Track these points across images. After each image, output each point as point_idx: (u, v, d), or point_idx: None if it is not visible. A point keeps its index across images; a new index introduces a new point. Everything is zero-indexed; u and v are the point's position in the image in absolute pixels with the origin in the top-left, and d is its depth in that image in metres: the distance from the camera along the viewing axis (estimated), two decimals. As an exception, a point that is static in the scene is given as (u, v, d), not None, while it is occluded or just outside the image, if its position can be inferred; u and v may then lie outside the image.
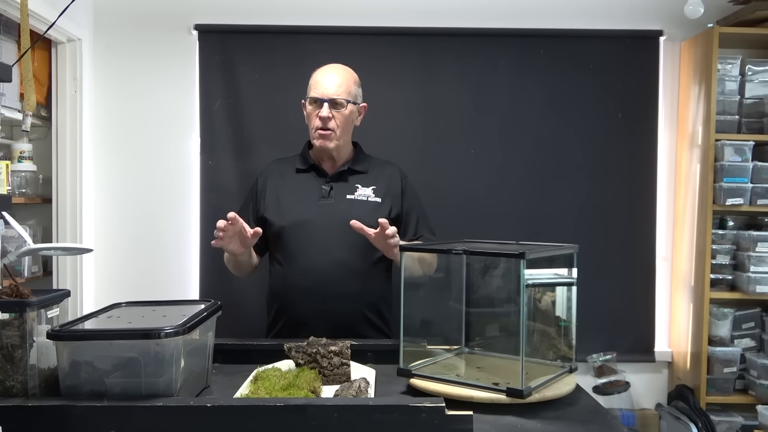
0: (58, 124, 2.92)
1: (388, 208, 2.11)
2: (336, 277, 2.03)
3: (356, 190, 2.11)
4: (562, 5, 3.10)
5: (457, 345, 1.75)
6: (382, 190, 2.13)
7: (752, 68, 3.01)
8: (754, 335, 3.02)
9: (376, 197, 2.11)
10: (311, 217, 2.07)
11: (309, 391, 1.42)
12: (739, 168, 2.90)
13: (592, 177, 3.09)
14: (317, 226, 2.05)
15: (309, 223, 2.06)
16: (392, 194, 2.14)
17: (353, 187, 2.12)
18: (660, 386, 3.20)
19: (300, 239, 2.06)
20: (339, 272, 2.03)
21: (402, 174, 2.22)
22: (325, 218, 2.06)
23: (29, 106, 2.04)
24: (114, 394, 1.27)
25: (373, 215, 2.01)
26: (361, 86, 2.17)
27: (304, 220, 2.07)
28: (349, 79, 2.12)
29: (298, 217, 2.07)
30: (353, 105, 2.12)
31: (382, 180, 2.15)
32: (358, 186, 2.12)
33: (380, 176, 2.16)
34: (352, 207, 2.07)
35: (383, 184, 2.14)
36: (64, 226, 2.92)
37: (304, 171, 2.16)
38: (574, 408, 1.43)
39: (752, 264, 2.90)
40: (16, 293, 1.35)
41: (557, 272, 1.67)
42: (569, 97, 3.08)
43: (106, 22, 3.05)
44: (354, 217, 1.96)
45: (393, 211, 2.12)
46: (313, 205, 2.08)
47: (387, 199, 2.12)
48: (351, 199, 2.09)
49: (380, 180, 2.15)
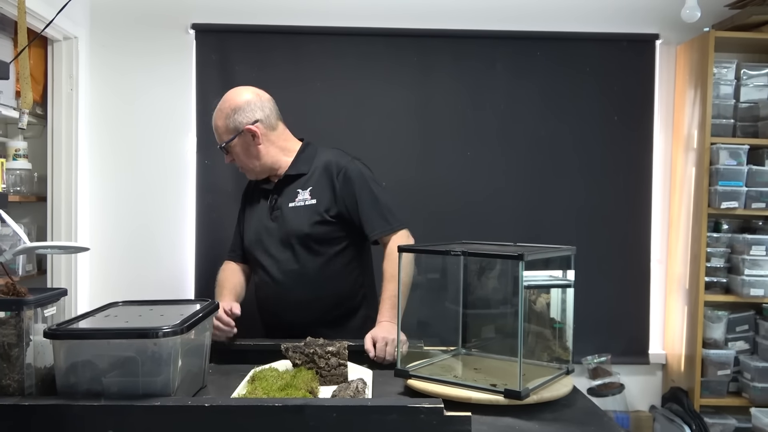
0: (53, 122, 2.91)
1: (323, 208, 2.02)
2: (287, 287, 2.05)
3: (297, 196, 2.06)
4: (559, 8, 3.11)
5: (453, 346, 1.75)
6: (318, 189, 2.05)
7: (747, 72, 3.03)
8: (747, 338, 3.04)
9: (312, 199, 2.04)
10: (261, 233, 2.10)
11: (306, 392, 1.42)
12: (734, 171, 2.91)
13: (588, 179, 3.10)
14: (266, 241, 2.08)
15: (260, 239, 2.10)
16: (329, 190, 2.04)
17: (294, 193, 2.06)
18: (654, 388, 3.21)
19: (257, 256, 2.10)
20: (289, 282, 2.04)
21: (339, 163, 2.06)
22: (270, 232, 2.08)
23: (26, 104, 2.03)
24: (111, 394, 1.26)
25: (310, 218, 2.02)
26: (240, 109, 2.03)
27: (256, 237, 2.11)
28: (221, 118, 2.05)
29: (252, 236, 2.12)
30: (236, 139, 2.04)
31: (318, 177, 2.06)
32: (299, 191, 2.06)
33: (316, 174, 2.07)
34: (291, 214, 2.04)
35: (318, 183, 2.06)
36: (59, 224, 2.91)
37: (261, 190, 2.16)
38: (571, 410, 1.43)
39: (746, 267, 2.91)
40: (13, 291, 1.34)
41: (553, 274, 1.67)
42: (566, 99, 3.09)
43: (103, 20, 3.04)
44: (292, 225, 2.03)
45: (332, 208, 2.02)
46: (265, 221, 2.10)
47: (322, 198, 2.03)
48: (292, 207, 2.05)
49: (316, 178, 2.06)
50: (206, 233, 3.00)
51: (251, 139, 2.04)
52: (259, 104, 2.07)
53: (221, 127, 2.06)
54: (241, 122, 2.04)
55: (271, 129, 2.08)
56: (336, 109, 3.04)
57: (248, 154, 2.06)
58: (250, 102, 2.06)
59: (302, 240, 2.02)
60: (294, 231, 2.02)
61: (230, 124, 2.04)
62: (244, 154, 2.06)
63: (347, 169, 2.05)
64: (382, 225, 2.02)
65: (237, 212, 2.28)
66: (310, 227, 2.01)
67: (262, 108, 2.07)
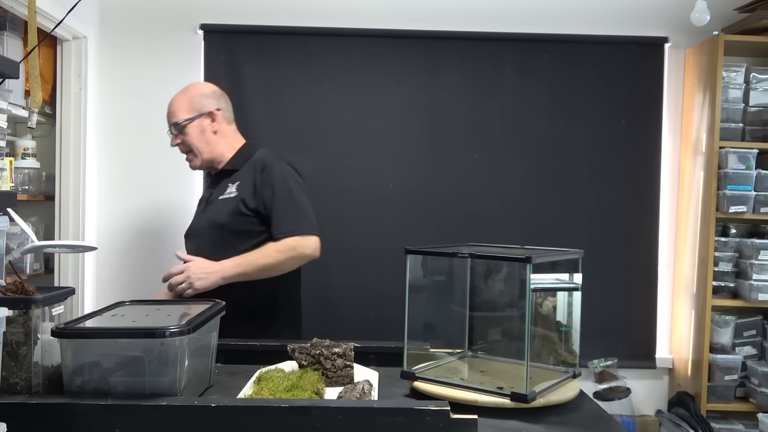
0: (62, 121, 2.92)
1: (240, 200, 2.08)
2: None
3: (226, 190, 2.13)
4: (568, 11, 3.10)
5: (460, 349, 1.75)
6: (243, 184, 2.11)
7: (757, 76, 3.01)
8: (755, 343, 3.02)
9: (236, 192, 2.11)
10: (193, 224, 2.21)
11: (312, 393, 1.41)
12: (743, 176, 2.90)
13: (595, 182, 3.09)
14: (193, 232, 2.18)
15: (192, 230, 2.20)
16: (250, 185, 2.10)
17: (225, 186, 2.15)
18: (660, 393, 3.20)
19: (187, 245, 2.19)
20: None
21: (265, 160, 2.13)
22: (199, 222, 2.18)
23: (35, 103, 2.04)
24: (118, 393, 1.26)
25: (229, 210, 2.08)
26: (205, 95, 2.18)
27: (190, 228, 2.21)
28: (186, 96, 2.17)
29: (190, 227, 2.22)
30: (195, 119, 2.14)
31: (245, 173, 2.13)
32: (229, 185, 2.14)
33: (244, 170, 2.14)
34: (217, 206, 2.13)
35: (244, 178, 2.12)
36: (66, 223, 2.92)
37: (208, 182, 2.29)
38: (577, 413, 1.43)
39: (754, 272, 2.90)
40: (21, 290, 1.34)
41: (560, 277, 1.67)
42: (573, 102, 3.08)
43: (112, 20, 3.06)
44: (213, 216, 2.12)
45: (250, 201, 2.07)
46: (199, 211, 2.22)
47: (244, 190, 2.09)
48: (222, 199, 2.13)
49: (243, 174, 2.14)
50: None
51: (209, 124, 2.16)
52: (223, 97, 2.23)
53: (183, 106, 2.15)
54: (204, 105, 2.17)
55: (227, 122, 2.22)
56: (343, 110, 3.04)
57: (201, 138, 2.16)
58: (215, 92, 2.22)
59: (218, 229, 2.09)
60: (213, 220, 2.12)
61: (194, 103, 2.17)
62: (198, 137, 2.16)
63: (270, 166, 2.10)
64: (291, 226, 2.04)
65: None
66: (227, 217, 2.08)
67: (225, 101, 2.23)
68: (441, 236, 2.87)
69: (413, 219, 3.02)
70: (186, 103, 2.15)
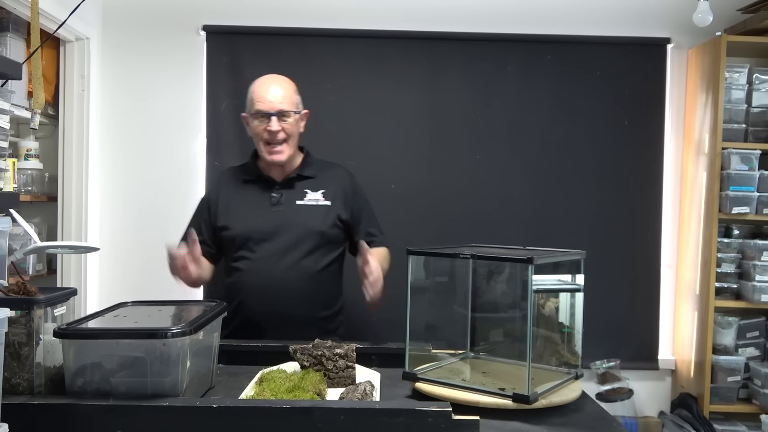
0: (65, 122, 2.93)
1: (338, 210, 2.14)
2: (289, 278, 2.07)
3: (305, 195, 2.15)
4: (570, 11, 3.10)
5: (462, 350, 1.74)
6: (331, 194, 2.16)
7: (760, 77, 3.00)
8: (758, 344, 3.01)
9: (326, 201, 2.15)
10: (263, 223, 2.11)
11: (314, 394, 1.41)
12: (746, 177, 2.89)
13: (598, 183, 3.09)
14: (269, 232, 2.10)
15: (261, 229, 2.11)
16: (341, 197, 2.17)
17: (302, 192, 2.15)
18: (663, 394, 3.19)
19: (252, 245, 2.10)
20: (291, 274, 2.07)
21: (350, 176, 2.25)
22: (277, 224, 2.11)
23: (38, 104, 2.04)
24: (120, 394, 1.26)
25: (325, 218, 2.12)
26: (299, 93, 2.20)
27: (256, 226, 2.11)
28: (290, 89, 2.16)
29: (250, 224, 2.12)
30: (297, 114, 2.15)
31: (331, 183, 2.18)
32: (307, 191, 2.15)
33: (328, 180, 2.19)
34: (303, 212, 2.12)
35: (332, 188, 2.17)
36: (69, 224, 2.92)
37: (251, 182, 2.20)
38: (579, 414, 1.42)
39: (758, 273, 2.89)
40: (24, 291, 1.35)
41: (562, 278, 1.67)
42: (576, 103, 3.08)
43: (115, 21, 3.06)
44: (306, 221, 2.10)
45: (343, 213, 2.15)
46: (264, 212, 2.13)
47: (336, 201, 2.15)
48: (301, 204, 2.13)
49: (328, 183, 2.18)
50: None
51: (303, 123, 2.19)
52: None
53: (292, 98, 2.14)
54: (301, 103, 2.19)
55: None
56: (345, 111, 3.04)
57: (298, 133, 2.18)
58: None
59: (317, 236, 2.10)
60: (309, 226, 2.09)
61: (298, 99, 2.16)
62: (297, 131, 2.16)
63: (356, 182, 2.25)
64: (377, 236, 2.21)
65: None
66: (328, 228, 2.11)
67: None
68: (443, 237, 2.86)
69: (415, 220, 3.01)
70: (295, 95, 2.15)
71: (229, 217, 2.16)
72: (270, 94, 2.10)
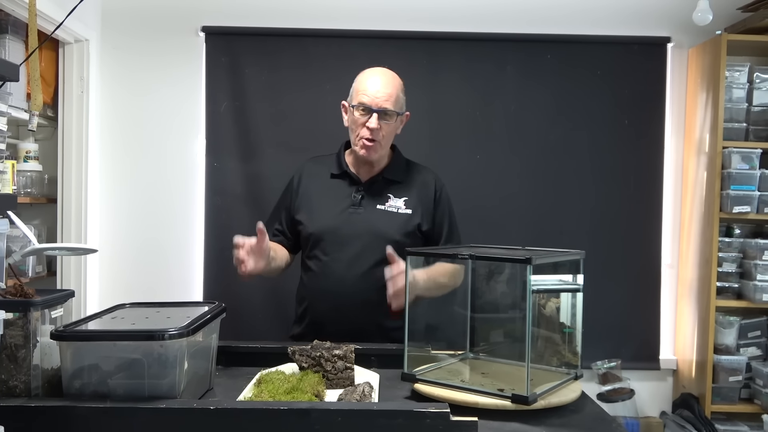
0: (64, 124, 2.93)
1: (418, 220, 2.05)
2: (358, 286, 2.00)
3: (388, 200, 2.06)
4: (570, 11, 3.10)
5: (462, 350, 1.74)
6: (414, 202, 2.07)
7: (760, 76, 3.00)
8: (760, 344, 3.01)
9: (407, 209, 2.05)
10: (339, 226, 2.03)
11: (313, 395, 1.41)
12: (747, 176, 2.89)
13: (598, 183, 3.08)
14: (344, 235, 2.02)
15: (336, 231, 2.03)
16: (424, 206, 2.07)
17: (385, 196, 2.06)
18: (665, 394, 3.19)
19: (326, 247, 2.03)
20: (361, 281, 2.00)
21: (438, 184, 2.13)
22: (353, 227, 2.02)
23: (36, 106, 2.04)
24: (117, 396, 1.26)
25: (403, 227, 2.02)
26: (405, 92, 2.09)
27: (332, 227, 2.03)
28: (398, 87, 2.04)
29: (326, 225, 2.04)
30: (400, 116, 2.06)
31: (415, 191, 2.09)
32: (390, 196, 2.06)
33: (414, 187, 2.09)
34: (382, 218, 2.03)
35: (416, 196, 2.08)
36: (68, 226, 2.92)
37: (337, 176, 2.11)
38: (579, 415, 1.42)
39: (759, 272, 2.89)
40: (21, 293, 1.34)
41: (563, 278, 1.66)
42: (576, 102, 3.08)
43: (114, 22, 3.06)
44: (382, 228, 2.00)
45: (424, 224, 2.06)
46: (342, 213, 2.04)
47: (418, 211, 2.06)
48: (381, 209, 2.04)
49: (413, 191, 2.08)
50: (214, 235, 3.01)
51: (400, 124, 2.08)
52: None
53: (398, 97, 2.03)
54: (404, 104, 2.08)
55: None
56: (345, 112, 3.03)
57: (393, 134, 2.08)
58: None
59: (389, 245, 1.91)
60: (384, 234, 1.99)
61: (403, 99, 2.06)
62: (392, 132, 2.07)
63: (444, 190, 2.13)
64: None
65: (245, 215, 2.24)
66: (402, 236, 2.00)
67: None
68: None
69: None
70: (400, 94, 2.04)
71: (307, 212, 2.08)
72: (376, 87, 2.00)
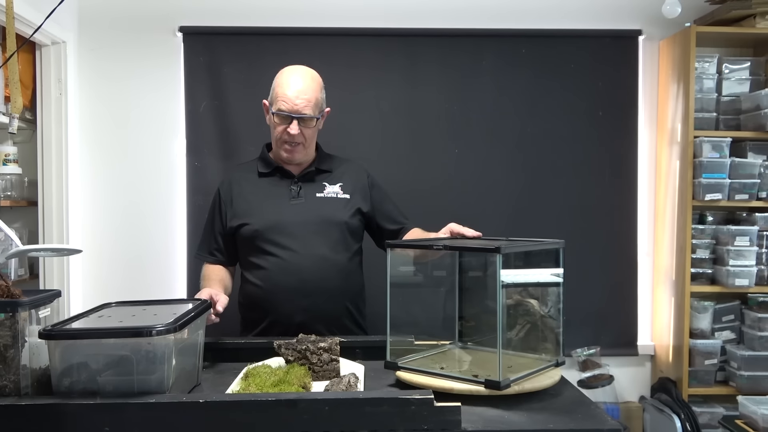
0: (43, 126, 2.91)
1: (358, 203, 2.16)
2: (318, 273, 2.05)
3: (324, 189, 2.15)
4: (544, 6, 3.14)
5: (450, 340, 1.78)
6: (350, 187, 2.17)
7: (729, 66, 3.07)
8: (734, 327, 3.08)
9: (345, 194, 2.15)
10: (285, 218, 2.08)
11: (299, 387, 1.44)
12: (717, 164, 2.96)
13: (575, 174, 3.14)
14: (293, 225, 2.07)
15: (284, 223, 2.08)
16: (360, 190, 2.18)
17: (321, 185, 2.15)
18: (643, 379, 3.26)
19: (278, 240, 2.07)
20: (320, 268, 2.05)
21: (366, 169, 2.26)
22: (300, 217, 2.08)
23: (15, 109, 2.04)
24: (106, 392, 1.28)
25: (347, 209, 2.13)
26: (324, 88, 2.16)
27: (279, 220, 2.08)
28: (317, 90, 2.10)
29: (273, 219, 2.08)
30: (319, 118, 2.13)
31: (348, 177, 2.19)
32: (326, 184, 2.16)
33: (345, 173, 2.20)
34: (325, 204, 2.12)
35: (350, 181, 2.18)
36: (50, 228, 2.92)
37: (268, 174, 2.16)
38: (558, 399, 1.46)
39: (731, 258, 2.96)
40: (8, 294, 1.35)
41: (542, 268, 1.70)
42: (551, 95, 3.12)
43: (91, 24, 3.05)
44: (329, 212, 2.10)
45: (363, 206, 2.17)
46: (285, 206, 2.10)
47: (356, 195, 2.17)
48: (321, 197, 2.13)
49: (345, 177, 2.19)
50: (197, 234, 2.97)
51: (321, 123, 2.16)
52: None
53: (316, 101, 2.09)
54: (324, 104, 2.16)
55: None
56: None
57: (315, 135, 2.16)
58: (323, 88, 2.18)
59: (340, 227, 2.10)
60: (332, 218, 2.10)
61: (321, 101, 2.13)
62: (314, 134, 2.14)
63: (373, 176, 2.26)
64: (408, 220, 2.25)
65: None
66: (350, 218, 2.12)
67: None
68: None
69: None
70: (319, 97, 2.10)
71: (247, 212, 2.11)
72: (295, 94, 2.04)
